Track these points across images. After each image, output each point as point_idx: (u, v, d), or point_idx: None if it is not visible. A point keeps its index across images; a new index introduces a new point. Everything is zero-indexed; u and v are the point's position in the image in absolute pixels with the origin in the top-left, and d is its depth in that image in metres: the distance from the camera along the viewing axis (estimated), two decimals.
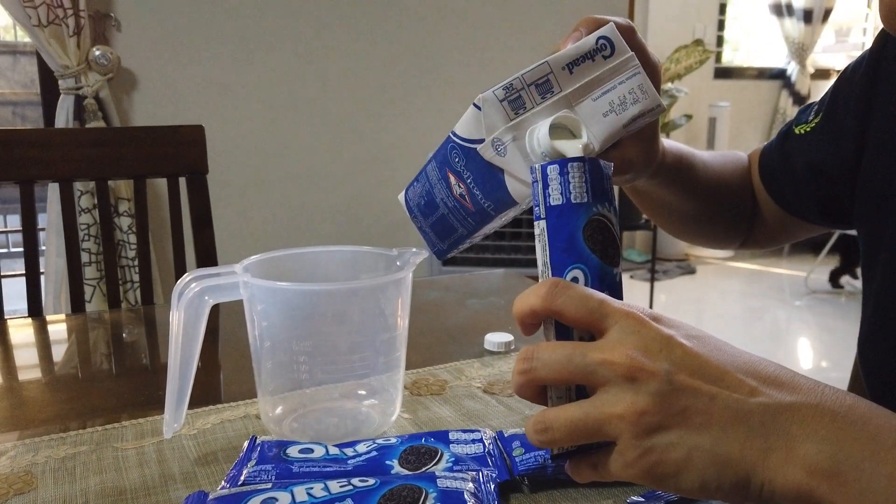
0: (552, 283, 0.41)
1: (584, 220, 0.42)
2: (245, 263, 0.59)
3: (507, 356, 0.80)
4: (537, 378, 0.40)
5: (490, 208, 0.51)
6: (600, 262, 0.42)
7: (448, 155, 0.51)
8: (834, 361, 3.07)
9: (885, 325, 0.61)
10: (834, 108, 0.69)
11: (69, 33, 2.09)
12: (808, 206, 0.73)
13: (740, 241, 0.84)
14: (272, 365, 0.59)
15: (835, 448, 0.36)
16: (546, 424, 0.40)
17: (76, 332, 0.95)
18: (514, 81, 0.47)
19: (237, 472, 0.51)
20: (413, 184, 0.57)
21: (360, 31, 2.54)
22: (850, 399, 0.38)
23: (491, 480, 0.50)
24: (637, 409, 0.37)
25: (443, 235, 0.57)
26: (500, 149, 0.48)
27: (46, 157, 1.15)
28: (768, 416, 0.37)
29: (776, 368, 0.40)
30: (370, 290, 0.59)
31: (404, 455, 0.53)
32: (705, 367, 0.38)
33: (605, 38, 0.48)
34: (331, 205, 2.60)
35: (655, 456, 0.38)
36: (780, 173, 0.75)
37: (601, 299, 0.40)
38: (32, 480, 0.54)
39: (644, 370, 0.37)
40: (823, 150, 0.69)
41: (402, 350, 0.61)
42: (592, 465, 0.41)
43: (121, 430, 0.62)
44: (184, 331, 0.56)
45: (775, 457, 0.37)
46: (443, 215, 0.54)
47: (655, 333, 0.39)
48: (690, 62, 4.06)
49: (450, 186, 0.52)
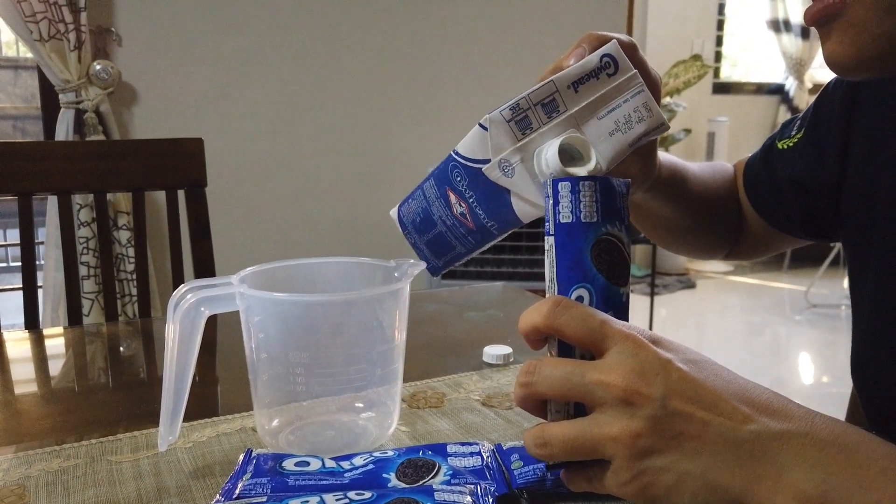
0: (554, 301, 0.41)
1: (593, 239, 0.42)
2: (242, 275, 0.58)
3: (506, 369, 0.79)
4: (536, 392, 0.41)
5: (493, 227, 0.51)
6: (606, 282, 0.42)
7: (449, 174, 0.51)
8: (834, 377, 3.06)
9: (875, 345, 0.61)
10: (816, 124, 0.69)
11: (70, 48, 2.10)
12: (790, 219, 0.73)
13: (726, 252, 0.84)
14: (268, 377, 0.59)
15: (823, 476, 0.37)
16: (545, 440, 0.41)
17: (73, 345, 0.94)
18: (520, 101, 0.47)
19: (232, 485, 0.51)
20: (408, 200, 0.56)
21: (359, 46, 2.55)
22: (840, 427, 0.39)
23: (489, 494, 0.49)
24: (631, 433, 0.38)
25: (439, 253, 0.56)
26: (507, 170, 0.47)
27: (45, 170, 1.15)
28: (759, 444, 0.38)
29: (770, 395, 0.41)
30: (367, 301, 0.59)
31: (401, 468, 0.52)
32: (701, 392, 0.39)
33: (608, 55, 0.48)
34: (329, 217, 2.60)
35: (648, 478, 0.39)
36: (763, 186, 0.76)
37: (602, 320, 0.40)
38: (25, 494, 0.53)
39: (640, 394, 0.38)
40: (806, 165, 0.69)
41: (399, 362, 0.61)
42: (588, 477, 0.42)
43: (116, 444, 0.62)
44: (179, 342, 0.55)
45: (765, 485, 0.37)
46: (440, 233, 0.54)
47: (653, 357, 0.39)
48: (689, 77, 4.08)
49: (449, 205, 0.52)
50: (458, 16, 2.67)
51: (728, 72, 5.19)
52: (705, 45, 4.73)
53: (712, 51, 4.80)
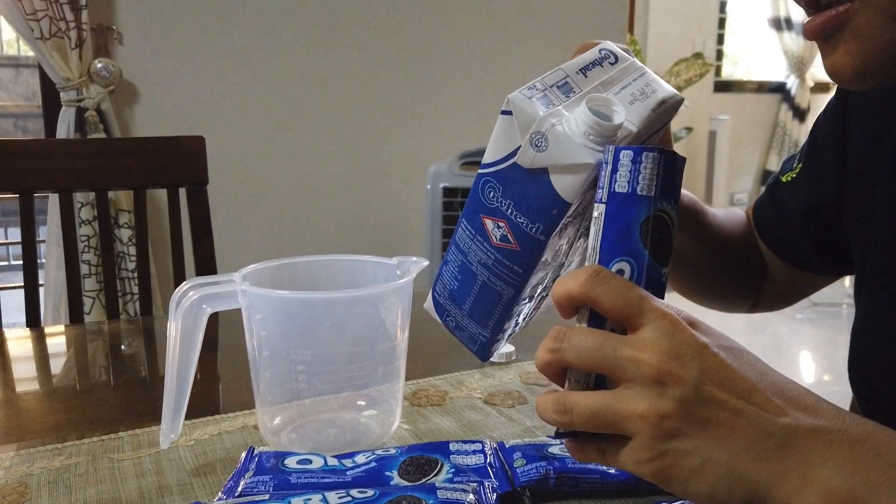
0: (594, 270, 0.40)
1: (646, 213, 0.41)
2: (244, 272, 0.58)
3: (509, 367, 0.79)
4: (564, 360, 0.40)
5: (539, 232, 0.47)
6: (651, 258, 0.41)
7: (480, 195, 0.48)
8: (836, 375, 3.05)
9: (871, 347, 0.61)
10: (813, 151, 0.69)
11: (71, 46, 2.09)
12: (805, 251, 0.73)
13: (752, 302, 0.82)
14: (270, 375, 0.59)
15: (852, 474, 0.36)
16: (567, 407, 0.40)
17: (74, 343, 0.94)
18: (535, 83, 0.47)
19: (234, 483, 0.51)
20: (440, 275, 0.54)
21: (360, 44, 2.55)
22: (870, 426, 0.38)
23: (492, 491, 0.49)
24: (659, 412, 0.37)
25: (484, 316, 0.52)
26: (540, 143, 0.45)
27: (46, 168, 1.15)
28: (789, 438, 0.37)
29: (802, 391, 0.40)
30: (370, 298, 0.58)
31: (404, 466, 0.52)
32: (735, 380, 0.38)
33: (605, 49, 0.49)
34: (331, 215, 2.60)
35: (669, 460, 0.38)
36: (773, 223, 0.75)
37: (641, 294, 0.40)
38: (27, 492, 0.53)
39: (673, 375, 0.37)
40: (810, 193, 0.69)
41: (401, 360, 0.61)
42: (600, 449, 0.41)
43: (118, 441, 0.61)
44: (181, 339, 0.55)
45: (792, 479, 0.37)
46: (483, 285, 0.50)
47: (690, 339, 0.39)
48: (690, 75, 4.07)
49: (487, 236, 0.49)
50: (460, 15, 2.67)
51: (729, 70, 5.18)
52: (707, 44, 4.72)
53: (714, 49, 4.79)
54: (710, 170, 4.80)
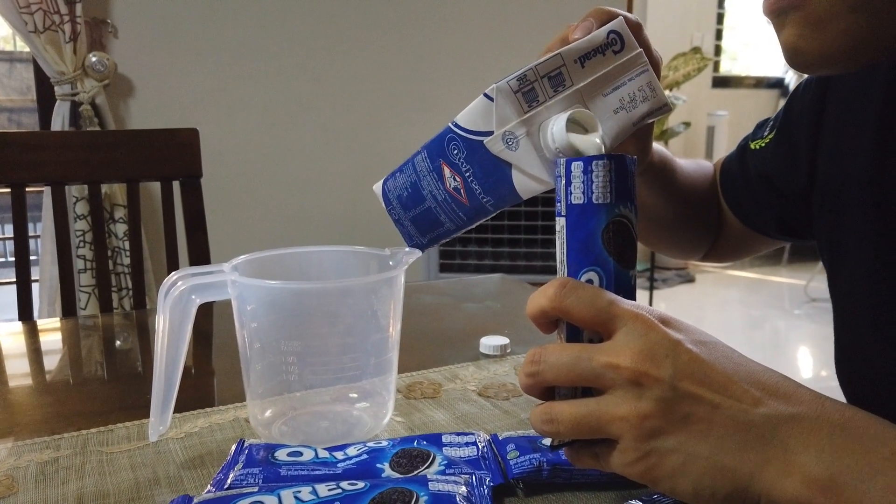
0: (561, 283, 0.41)
1: (605, 221, 0.41)
2: (234, 263, 0.57)
3: (503, 360, 0.78)
4: (544, 381, 0.41)
5: (489, 203, 0.50)
6: (616, 264, 0.41)
7: (445, 146, 0.50)
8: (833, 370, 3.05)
9: (855, 341, 0.60)
10: (787, 126, 0.69)
11: (65, 39, 2.08)
12: (765, 219, 0.73)
13: (704, 252, 0.83)
14: (261, 367, 0.58)
15: (832, 460, 0.36)
16: (552, 416, 0.41)
17: (65, 336, 0.93)
18: (527, 73, 0.47)
19: (224, 475, 0.50)
20: (395, 174, 0.55)
21: (355, 37, 2.53)
22: (849, 411, 0.38)
23: (484, 484, 0.48)
24: (640, 413, 0.38)
25: (425, 229, 0.55)
26: (511, 143, 0.46)
27: (39, 160, 1.14)
28: (768, 428, 0.38)
29: (779, 379, 0.40)
30: (362, 289, 0.58)
31: (395, 458, 0.51)
32: (711, 374, 0.39)
33: (615, 32, 0.48)
34: (326, 209, 2.59)
35: (654, 459, 0.38)
36: (738, 186, 0.75)
37: (610, 300, 0.40)
38: (14, 485, 0.53)
39: (649, 375, 0.38)
40: (778, 166, 0.69)
41: (394, 351, 0.60)
42: (594, 454, 0.42)
43: (107, 434, 0.61)
44: (170, 330, 0.54)
45: (773, 468, 0.37)
46: (429, 209, 0.53)
47: (663, 338, 0.39)
48: (689, 69, 4.06)
49: (443, 179, 0.51)
50: (457, 9, 2.66)
51: (728, 65, 5.17)
52: (705, 39, 4.71)
53: (712, 44, 4.79)
54: None
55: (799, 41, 0.43)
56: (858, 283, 0.58)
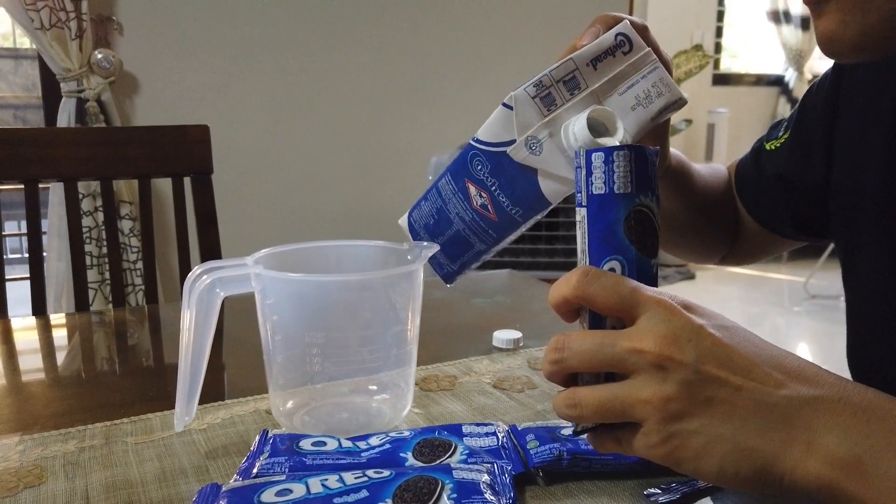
0: (584, 271, 0.41)
1: (626, 211, 0.42)
2: (256, 256, 0.58)
3: (517, 353, 0.79)
4: (568, 367, 0.42)
5: (518, 214, 0.50)
6: (638, 253, 0.42)
7: (468, 164, 0.50)
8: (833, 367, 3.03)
9: (869, 337, 0.61)
10: (801, 125, 0.70)
11: (71, 36, 2.09)
12: (782, 219, 0.74)
13: (721, 255, 0.84)
14: (283, 359, 0.59)
15: (855, 440, 0.37)
16: (576, 401, 0.41)
17: (81, 330, 0.94)
18: (542, 78, 0.47)
19: (250, 464, 0.51)
20: (419, 204, 0.56)
21: (363, 34, 2.54)
22: (871, 393, 0.39)
23: (506, 472, 0.49)
24: (663, 396, 0.39)
25: (454, 255, 0.55)
26: (534, 147, 0.47)
27: (50, 157, 1.15)
28: (791, 409, 0.38)
29: (802, 363, 0.41)
30: (382, 282, 0.59)
31: (418, 448, 0.52)
32: (733, 358, 0.39)
33: (622, 34, 0.49)
34: (335, 204, 2.60)
35: (678, 441, 0.39)
36: (753, 187, 0.76)
37: (633, 287, 0.41)
38: (42, 474, 0.54)
39: (672, 359, 0.39)
40: (794, 165, 0.70)
41: (413, 344, 0.61)
42: (616, 439, 0.43)
43: (130, 426, 0.62)
44: (195, 322, 0.55)
45: (796, 448, 0.38)
46: (457, 232, 0.53)
47: (685, 322, 0.40)
48: (690, 67, 4.07)
49: (469, 198, 0.51)
50: (461, 8, 2.67)
51: (728, 63, 5.18)
52: (705, 37, 4.72)
53: (712, 42, 4.79)
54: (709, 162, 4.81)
55: (839, 28, 0.44)
56: (873, 278, 0.59)
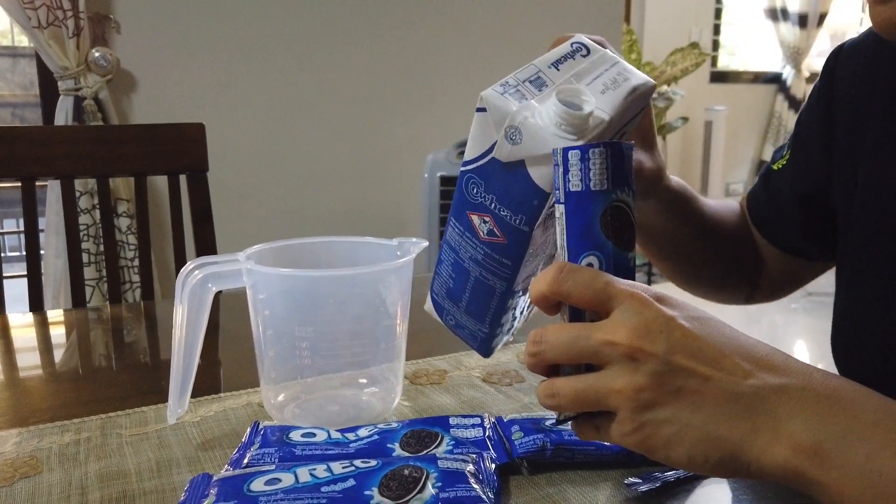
0: (559, 267, 0.43)
1: (603, 207, 0.43)
2: (248, 252, 0.60)
3: (506, 348, 0.80)
4: (546, 359, 0.43)
5: (523, 223, 0.48)
6: (615, 248, 0.43)
7: (465, 193, 0.50)
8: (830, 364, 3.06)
9: (853, 330, 0.63)
10: (800, 138, 0.71)
11: (69, 35, 2.10)
12: (800, 239, 0.74)
13: (748, 293, 0.83)
14: (274, 353, 0.60)
15: (818, 427, 0.38)
16: (554, 391, 0.43)
17: (78, 327, 0.95)
18: (508, 80, 0.48)
19: (240, 455, 0.52)
20: (435, 276, 0.55)
21: (359, 32, 2.55)
22: (836, 381, 0.40)
23: (491, 462, 0.50)
24: (635, 387, 0.40)
25: (480, 312, 0.53)
26: (514, 137, 0.46)
27: (48, 155, 1.16)
28: (758, 398, 0.40)
29: (770, 351, 0.42)
30: (371, 276, 0.60)
31: (405, 439, 0.54)
32: (703, 349, 0.41)
33: (577, 42, 0.51)
34: (330, 204, 2.61)
35: (649, 430, 0.41)
36: (767, 211, 0.76)
37: (607, 281, 0.42)
38: (38, 465, 0.55)
39: (643, 351, 0.40)
40: (799, 179, 0.71)
41: (402, 338, 0.62)
42: (595, 427, 0.45)
43: (124, 418, 0.63)
44: (187, 317, 0.56)
45: (762, 436, 0.39)
46: (475, 280, 0.51)
47: (657, 314, 0.41)
48: (686, 65, 4.07)
49: (475, 232, 0.50)
50: (459, 7, 2.67)
51: (726, 61, 5.19)
52: (703, 34, 4.72)
53: (710, 40, 4.80)
54: (706, 160, 4.82)
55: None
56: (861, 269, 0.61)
